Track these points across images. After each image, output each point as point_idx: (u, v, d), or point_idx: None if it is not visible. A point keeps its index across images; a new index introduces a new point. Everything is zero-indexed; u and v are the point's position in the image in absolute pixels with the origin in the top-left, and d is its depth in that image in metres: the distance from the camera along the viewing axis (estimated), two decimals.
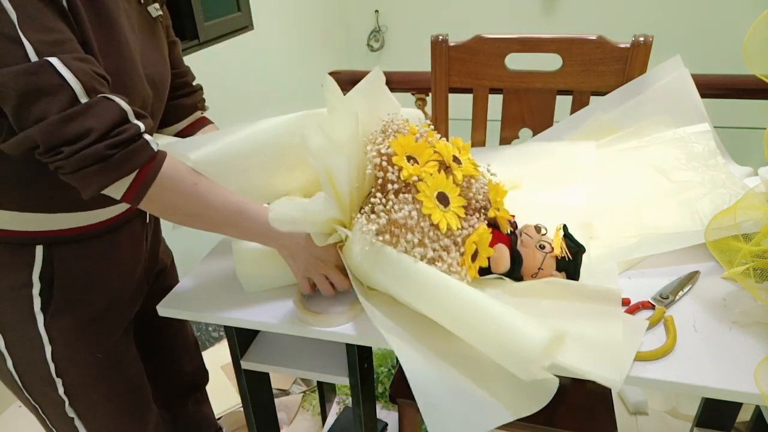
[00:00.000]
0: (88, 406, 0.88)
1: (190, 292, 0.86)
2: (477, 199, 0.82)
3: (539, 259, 0.79)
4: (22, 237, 0.76)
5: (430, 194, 0.74)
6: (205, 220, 0.75)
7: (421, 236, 0.73)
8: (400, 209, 0.72)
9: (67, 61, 0.61)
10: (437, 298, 0.69)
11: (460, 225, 0.76)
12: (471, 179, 0.83)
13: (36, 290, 0.78)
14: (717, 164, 1.01)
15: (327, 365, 0.92)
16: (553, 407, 1.00)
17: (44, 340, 0.80)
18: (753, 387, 0.63)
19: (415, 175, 0.74)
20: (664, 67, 1.14)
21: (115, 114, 0.65)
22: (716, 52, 2.44)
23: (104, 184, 0.66)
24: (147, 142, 0.68)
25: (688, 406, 1.59)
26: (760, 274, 0.71)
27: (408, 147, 0.77)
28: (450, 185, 0.77)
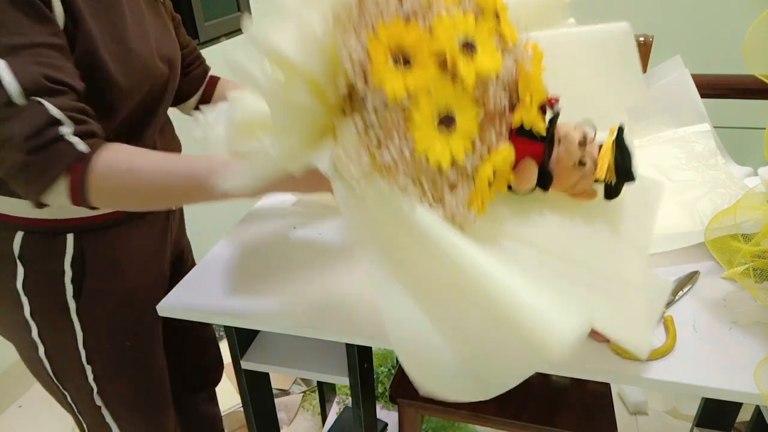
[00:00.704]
0: (115, 394, 0.90)
1: (191, 291, 0.86)
2: (499, 98, 0.57)
3: (574, 180, 0.61)
4: (54, 226, 0.78)
5: (427, 119, 0.53)
6: (165, 198, 0.70)
7: (416, 175, 0.55)
8: (387, 147, 0.53)
9: (14, 62, 0.61)
10: (437, 256, 0.55)
11: (470, 148, 0.55)
12: (488, 79, 0.56)
13: (68, 278, 0.80)
14: (717, 164, 1.01)
15: (327, 365, 0.92)
16: (553, 407, 1.00)
17: (76, 327, 0.83)
18: (753, 387, 0.63)
19: (403, 95, 0.52)
20: (664, 67, 1.14)
21: (39, 120, 0.62)
22: (716, 52, 2.44)
23: (36, 191, 0.64)
24: (69, 144, 0.63)
25: (688, 406, 1.59)
26: (759, 274, 0.71)
27: (393, 40, 0.53)
28: (457, 94, 0.54)
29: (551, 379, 1.06)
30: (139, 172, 0.67)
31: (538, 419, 0.98)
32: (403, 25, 0.53)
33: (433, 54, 0.53)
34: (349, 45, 0.52)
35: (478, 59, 0.55)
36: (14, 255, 0.78)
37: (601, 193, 0.64)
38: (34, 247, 0.79)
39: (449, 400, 0.55)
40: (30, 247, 0.78)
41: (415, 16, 0.54)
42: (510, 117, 0.58)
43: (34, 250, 0.79)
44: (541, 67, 0.60)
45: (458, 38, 0.54)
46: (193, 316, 0.83)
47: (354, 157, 0.54)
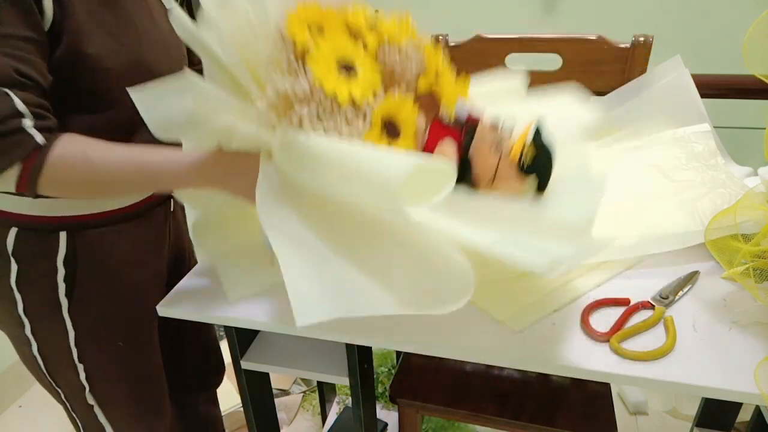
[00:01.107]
0: (107, 393, 0.91)
1: (191, 291, 0.86)
2: (403, 68, 0.66)
3: (493, 164, 0.64)
4: (47, 224, 0.79)
5: (324, 61, 0.62)
6: (119, 189, 0.75)
7: (316, 108, 0.61)
8: (294, 81, 0.61)
9: None
10: (329, 162, 0.61)
11: (370, 95, 0.63)
12: (393, 46, 0.67)
13: (61, 276, 0.81)
14: (717, 164, 1.01)
15: (327, 365, 0.92)
16: (553, 407, 1.00)
17: (68, 325, 0.83)
18: (753, 387, 0.63)
19: (310, 44, 0.63)
20: (664, 67, 1.14)
21: (5, 110, 0.65)
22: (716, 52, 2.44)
23: None
24: (29, 135, 0.66)
25: (688, 406, 1.59)
26: (759, 274, 0.71)
27: (313, 13, 0.65)
28: (358, 50, 0.64)
29: (551, 379, 1.07)
30: (92, 161, 0.70)
31: (538, 419, 0.98)
32: (318, 8, 0.66)
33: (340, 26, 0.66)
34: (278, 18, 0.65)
35: (384, 28, 0.67)
36: (8, 251, 0.79)
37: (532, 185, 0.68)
38: (27, 244, 0.79)
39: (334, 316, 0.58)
40: (23, 244, 0.79)
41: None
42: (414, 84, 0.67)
43: (28, 247, 0.79)
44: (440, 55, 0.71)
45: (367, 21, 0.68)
46: (193, 316, 0.83)
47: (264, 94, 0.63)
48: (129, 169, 0.71)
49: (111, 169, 0.71)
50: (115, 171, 0.71)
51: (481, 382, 1.06)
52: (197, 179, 0.72)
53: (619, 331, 0.72)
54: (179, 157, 0.72)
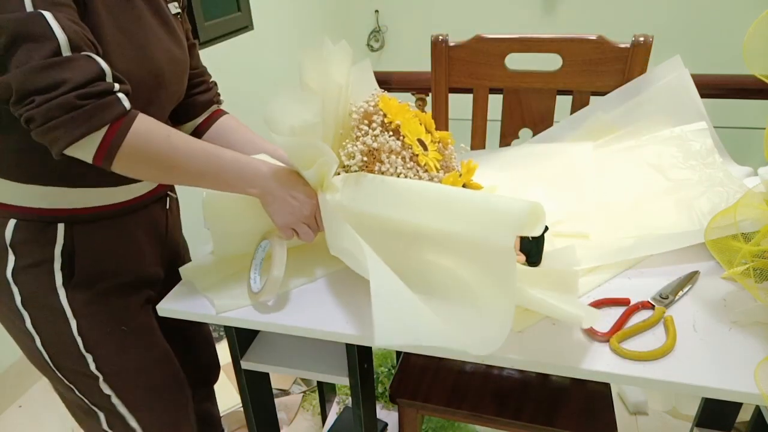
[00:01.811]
0: (123, 381, 0.89)
1: (190, 291, 0.86)
2: (450, 161, 0.89)
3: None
4: (45, 215, 0.79)
5: (411, 136, 0.80)
6: (181, 172, 0.75)
7: (403, 167, 0.78)
8: (384, 138, 0.78)
9: (59, 17, 0.64)
10: (420, 197, 0.73)
11: (438, 167, 0.82)
12: (446, 143, 0.91)
13: (57, 265, 0.80)
14: (714, 162, 1.01)
15: (327, 365, 0.92)
16: (553, 407, 1.00)
17: (68, 314, 0.82)
18: (753, 387, 0.63)
19: (398, 119, 0.81)
20: (664, 67, 1.14)
21: (93, 70, 0.66)
22: (716, 52, 2.44)
23: (73, 138, 0.65)
24: (119, 99, 0.68)
25: (688, 406, 1.59)
26: (759, 274, 0.71)
27: (392, 106, 0.83)
28: (428, 139, 0.84)
29: (551, 379, 1.06)
30: (176, 142, 0.72)
31: (538, 419, 0.98)
32: (397, 102, 0.86)
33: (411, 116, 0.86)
34: (365, 97, 0.86)
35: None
36: (5, 242, 0.79)
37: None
38: (25, 234, 0.79)
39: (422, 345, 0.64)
40: (21, 235, 0.79)
41: None
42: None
43: (25, 237, 0.79)
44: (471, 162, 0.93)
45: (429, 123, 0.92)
46: (193, 316, 0.83)
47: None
48: (200, 157, 0.74)
49: (185, 153, 0.73)
50: (188, 155, 0.73)
51: (481, 382, 1.06)
52: (255, 184, 0.78)
53: (619, 331, 0.72)
54: (247, 159, 0.78)
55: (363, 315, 0.78)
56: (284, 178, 0.79)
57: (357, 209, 0.77)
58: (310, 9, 2.83)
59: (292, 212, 0.80)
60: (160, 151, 0.72)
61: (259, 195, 0.79)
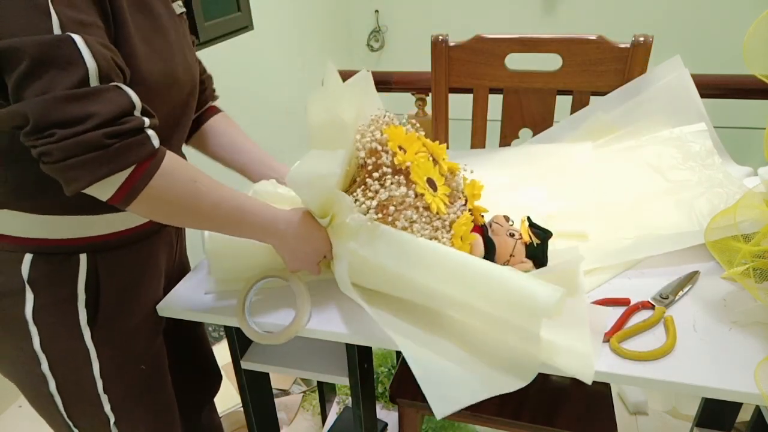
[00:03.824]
0: (133, 422, 0.86)
1: (190, 291, 0.86)
2: (458, 190, 0.87)
3: (510, 246, 0.83)
4: (66, 246, 0.73)
5: (421, 178, 0.77)
6: (204, 218, 0.71)
7: (417, 216, 0.75)
8: (398, 188, 0.74)
9: (89, 41, 0.58)
10: (442, 266, 0.70)
11: (446, 210, 0.79)
12: (454, 171, 0.88)
13: (82, 302, 0.75)
14: (714, 164, 1.01)
15: (327, 365, 0.92)
16: (553, 407, 1.00)
17: (92, 355, 0.77)
18: (753, 387, 0.63)
19: (408, 160, 0.77)
20: (664, 67, 1.14)
21: (123, 103, 0.60)
22: (716, 52, 2.44)
23: (95, 178, 0.60)
24: (149, 137, 0.63)
25: (688, 406, 1.59)
26: (759, 274, 0.71)
27: (399, 137, 0.80)
28: (437, 173, 0.81)
29: (551, 379, 1.06)
30: (201, 184, 0.68)
31: (538, 419, 0.98)
32: (404, 132, 0.82)
33: (420, 148, 0.82)
34: (372, 132, 0.80)
35: (445, 163, 0.86)
36: (23, 280, 0.72)
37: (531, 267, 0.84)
38: (44, 270, 0.73)
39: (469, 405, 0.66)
40: (40, 271, 0.73)
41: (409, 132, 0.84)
42: (465, 203, 0.86)
43: (45, 273, 0.73)
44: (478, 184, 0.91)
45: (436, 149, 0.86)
46: (193, 316, 0.83)
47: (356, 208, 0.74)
48: (224, 204, 0.70)
49: (210, 197, 0.69)
50: (213, 201, 0.69)
51: None
52: (274, 235, 0.76)
53: (619, 331, 0.72)
54: (267, 210, 0.75)
55: (363, 315, 0.78)
56: (301, 228, 0.77)
57: (373, 260, 0.74)
58: (310, 9, 2.83)
59: (305, 259, 0.79)
60: (185, 197, 0.67)
61: (275, 245, 0.78)
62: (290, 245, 0.78)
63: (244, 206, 0.73)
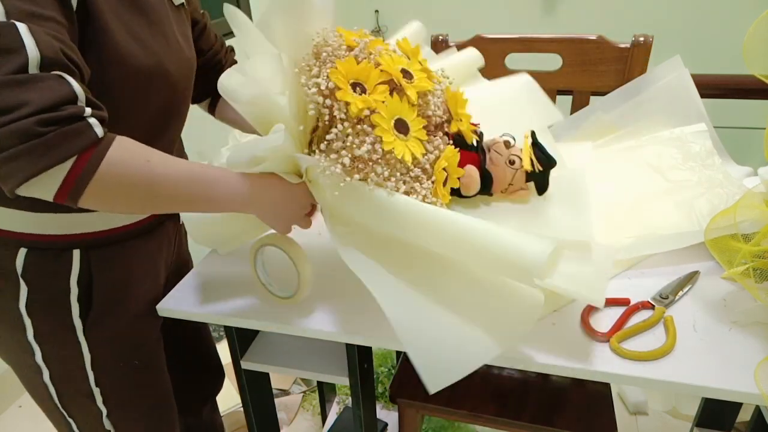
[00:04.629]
0: (126, 416, 0.87)
1: (190, 291, 0.86)
2: (437, 115, 0.74)
3: (509, 176, 0.77)
4: (59, 242, 0.74)
5: (387, 126, 0.66)
6: (169, 201, 0.66)
7: (389, 170, 0.67)
8: (361, 143, 0.65)
9: (35, 30, 0.54)
10: (423, 227, 0.66)
11: (424, 150, 0.70)
12: (427, 95, 0.74)
13: (74, 296, 0.76)
14: (714, 164, 1.01)
15: (327, 365, 0.92)
16: (553, 407, 1.00)
17: (84, 348, 0.78)
18: (753, 387, 0.63)
19: (366, 108, 0.66)
20: (664, 67, 1.14)
21: (63, 92, 0.55)
22: (716, 52, 2.44)
23: (30, 173, 0.55)
24: (89, 125, 0.57)
25: (688, 406, 1.59)
26: (759, 274, 0.71)
27: (350, 73, 0.67)
28: (406, 108, 0.69)
29: (551, 379, 1.06)
30: (156, 165, 0.62)
31: (538, 419, 0.98)
32: (355, 63, 0.68)
33: (380, 81, 0.69)
34: (316, 80, 0.67)
35: (416, 82, 0.72)
36: (17, 273, 0.74)
37: (533, 189, 0.80)
38: (38, 264, 0.74)
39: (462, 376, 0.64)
40: (34, 265, 0.74)
41: (363, 57, 0.70)
42: (448, 127, 0.76)
43: (39, 267, 0.74)
44: (463, 96, 0.79)
45: (399, 68, 0.71)
46: (193, 316, 0.83)
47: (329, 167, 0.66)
48: (184, 179, 0.65)
49: (167, 178, 0.63)
50: (171, 180, 0.64)
51: (481, 382, 1.06)
52: (247, 198, 0.70)
53: (619, 331, 0.72)
54: (234, 175, 0.69)
55: (363, 315, 0.78)
56: (276, 189, 0.72)
57: (349, 215, 0.70)
58: None
59: (291, 218, 0.76)
60: (141, 183, 0.61)
61: (253, 212, 0.73)
62: (271, 210, 0.74)
63: (208, 178, 0.67)
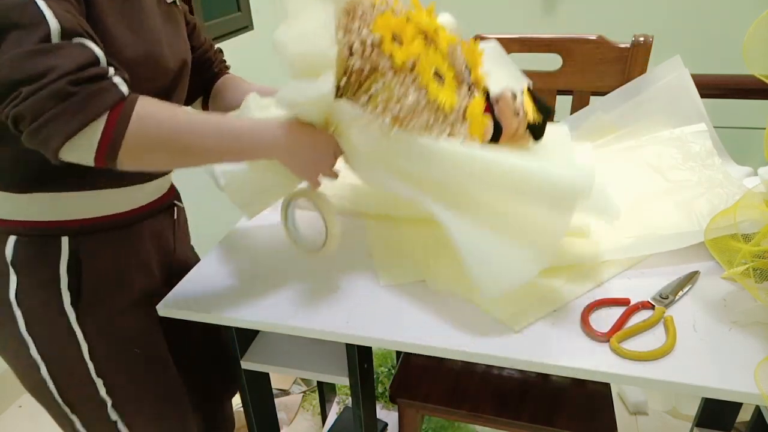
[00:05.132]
0: (133, 405, 0.86)
1: (191, 291, 0.86)
2: (462, 61, 0.80)
3: (515, 126, 0.81)
4: (47, 228, 0.75)
5: (430, 75, 0.70)
6: (197, 152, 0.69)
7: (433, 118, 0.71)
8: (406, 94, 0.69)
9: (53, 5, 0.59)
10: (469, 168, 0.70)
11: (458, 98, 0.74)
12: (454, 46, 0.79)
13: (64, 284, 0.76)
14: (714, 164, 1.01)
15: (327, 365, 0.92)
16: (553, 407, 1.00)
17: (79, 337, 0.78)
18: (753, 387, 0.63)
19: (411, 56, 0.70)
20: (664, 67, 1.14)
21: (86, 56, 0.60)
22: (716, 52, 2.44)
23: (69, 131, 0.59)
24: (114, 84, 0.62)
25: (688, 406, 1.59)
26: (759, 274, 0.71)
27: (388, 27, 0.71)
28: (439, 59, 0.74)
29: (551, 379, 1.06)
30: (184, 120, 0.66)
31: (538, 419, 0.98)
32: (392, 17, 0.72)
33: (415, 33, 0.73)
34: (361, 33, 0.70)
35: (443, 35, 0.78)
36: (7, 262, 0.74)
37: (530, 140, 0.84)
38: (27, 251, 0.74)
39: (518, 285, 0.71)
40: (23, 253, 0.74)
41: (393, 12, 0.74)
42: (469, 78, 0.80)
43: (28, 255, 0.74)
44: (479, 48, 0.84)
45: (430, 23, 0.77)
46: (193, 316, 0.83)
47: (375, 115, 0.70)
48: (211, 129, 0.68)
49: (194, 129, 0.67)
50: (198, 131, 0.67)
51: (481, 382, 1.06)
52: (275, 149, 0.73)
53: (619, 331, 0.72)
54: (262, 125, 0.72)
55: (363, 315, 0.78)
56: (303, 133, 0.74)
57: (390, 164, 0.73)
58: None
59: (318, 164, 0.77)
60: (170, 134, 0.65)
61: (280, 159, 0.75)
62: (297, 155, 0.75)
63: (235, 127, 0.71)
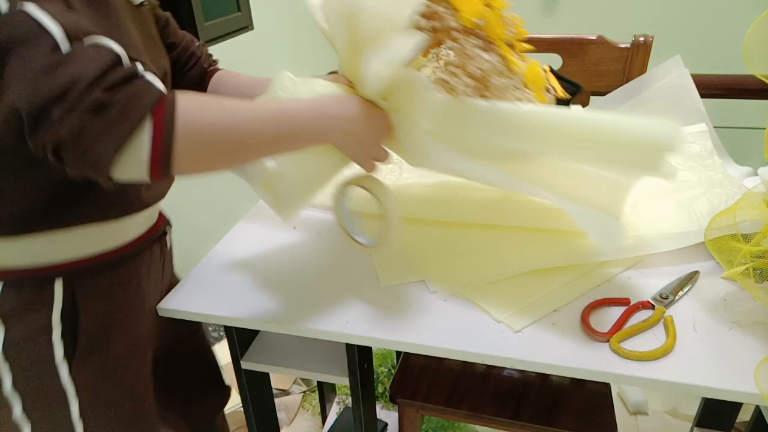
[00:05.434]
0: None
1: (190, 292, 0.86)
2: (512, 32, 0.77)
3: (546, 102, 0.80)
4: (39, 273, 0.67)
5: (497, 34, 0.67)
6: (254, 145, 0.61)
7: (508, 81, 0.68)
8: (482, 59, 0.65)
9: (44, 6, 0.51)
10: (548, 129, 0.68)
11: (517, 62, 0.73)
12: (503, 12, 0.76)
13: (57, 335, 0.68)
14: (714, 164, 1.01)
15: (327, 365, 0.92)
16: (553, 407, 1.00)
17: (69, 395, 0.71)
18: (753, 387, 0.63)
19: (480, 15, 0.66)
20: (664, 67, 1.14)
21: (107, 57, 0.52)
22: (716, 52, 2.44)
23: (117, 144, 0.51)
24: (149, 82, 0.54)
25: (688, 406, 1.59)
26: (759, 274, 0.71)
27: None
28: (498, 23, 0.71)
29: (551, 379, 1.06)
30: (225, 108, 0.58)
31: (538, 419, 0.98)
32: None
33: None
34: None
35: None
36: None
37: None
38: (17, 299, 0.67)
39: None
40: (12, 301, 0.66)
41: None
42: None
43: (17, 303, 0.67)
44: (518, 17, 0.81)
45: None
46: (193, 316, 0.83)
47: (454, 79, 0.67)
48: (264, 115, 0.60)
49: (246, 117, 0.59)
50: (251, 118, 0.59)
51: (481, 382, 1.06)
52: (334, 131, 0.67)
53: (619, 331, 0.72)
54: (316, 105, 0.66)
55: (363, 315, 0.78)
56: (357, 109, 0.68)
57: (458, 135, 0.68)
58: None
59: (374, 144, 0.71)
60: (222, 126, 0.57)
61: (336, 142, 0.69)
62: (352, 135, 0.69)
63: (284, 106, 0.63)
